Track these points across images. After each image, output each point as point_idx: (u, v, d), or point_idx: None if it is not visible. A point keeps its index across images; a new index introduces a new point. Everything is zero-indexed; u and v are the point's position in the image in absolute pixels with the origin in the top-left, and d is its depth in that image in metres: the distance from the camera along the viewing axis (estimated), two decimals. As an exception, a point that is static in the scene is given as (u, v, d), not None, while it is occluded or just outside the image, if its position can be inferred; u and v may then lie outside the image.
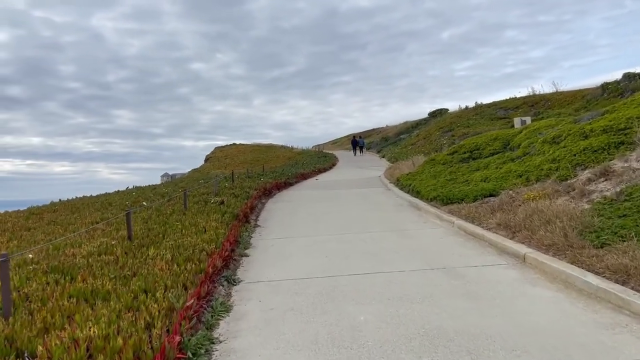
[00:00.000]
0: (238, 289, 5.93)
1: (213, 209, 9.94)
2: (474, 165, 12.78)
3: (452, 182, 11.85)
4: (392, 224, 9.80)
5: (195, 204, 10.82)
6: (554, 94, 36.87)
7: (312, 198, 14.79)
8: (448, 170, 13.32)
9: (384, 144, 51.23)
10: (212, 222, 8.34)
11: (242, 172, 23.83)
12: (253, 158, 55.34)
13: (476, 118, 37.64)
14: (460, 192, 10.48)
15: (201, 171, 55.11)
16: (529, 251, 6.34)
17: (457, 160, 14.12)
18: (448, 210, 10.03)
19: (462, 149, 14.79)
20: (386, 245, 7.84)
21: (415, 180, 13.83)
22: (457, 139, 30.40)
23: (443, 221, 9.58)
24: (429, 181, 12.85)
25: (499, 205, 8.84)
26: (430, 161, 15.36)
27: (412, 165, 18.12)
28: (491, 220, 8.01)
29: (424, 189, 12.17)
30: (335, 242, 8.26)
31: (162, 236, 7.25)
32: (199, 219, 8.74)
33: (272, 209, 12.79)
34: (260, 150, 61.49)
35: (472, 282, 5.62)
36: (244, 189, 13.68)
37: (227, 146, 72.44)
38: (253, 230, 9.82)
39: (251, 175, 19.75)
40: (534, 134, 12.37)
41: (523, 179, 10.01)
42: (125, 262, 5.55)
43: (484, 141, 14.36)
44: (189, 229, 7.83)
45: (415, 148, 36.36)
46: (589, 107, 27.81)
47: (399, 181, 15.32)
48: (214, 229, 7.87)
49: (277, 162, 44.69)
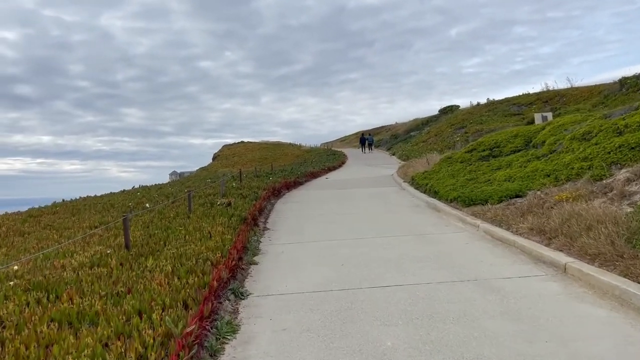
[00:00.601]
0: (246, 303, 5.33)
1: (219, 211, 9.34)
2: (495, 164, 12.09)
3: (473, 182, 11.16)
4: (410, 227, 9.15)
5: (201, 206, 10.22)
6: (569, 89, 35.93)
7: (323, 198, 14.17)
8: (467, 169, 12.63)
9: (394, 142, 50.50)
10: (218, 227, 7.74)
11: (250, 170, 23.26)
12: (261, 156, 54.82)
13: (489, 114, 36.79)
14: (483, 192, 9.81)
15: (209, 170, 54.72)
16: (570, 261, 5.68)
17: (476, 158, 13.42)
18: (471, 212, 9.36)
19: (480, 146, 14.08)
20: (407, 251, 7.20)
21: (432, 180, 13.15)
22: (471, 136, 29.63)
23: (466, 224, 8.91)
24: (447, 180, 12.18)
25: (527, 208, 8.16)
26: (446, 159, 14.67)
27: (426, 163, 17.44)
28: (522, 225, 7.33)
29: (442, 189, 11.50)
30: (350, 248, 7.64)
31: (163, 243, 6.66)
32: (204, 223, 8.14)
33: (282, 210, 12.19)
34: (268, 148, 60.92)
35: (510, 297, 4.97)
36: (252, 189, 13.08)
37: (235, 144, 71.95)
38: (262, 234, 9.22)
39: (259, 174, 19.16)
40: (559, 131, 11.65)
41: (551, 178, 9.32)
42: (119, 276, 4.96)
43: (504, 138, 13.65)
44: (193, 235, 7.24)
45: (426, 145, 35.62)
46: (607, 102, 26.93)
47: (414, 180, 14.65)
48: (220, 234, 7.27)
49: (285, 160, 44.15)
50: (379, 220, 10.04)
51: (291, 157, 45.23)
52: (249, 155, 57.77)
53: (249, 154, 58.90)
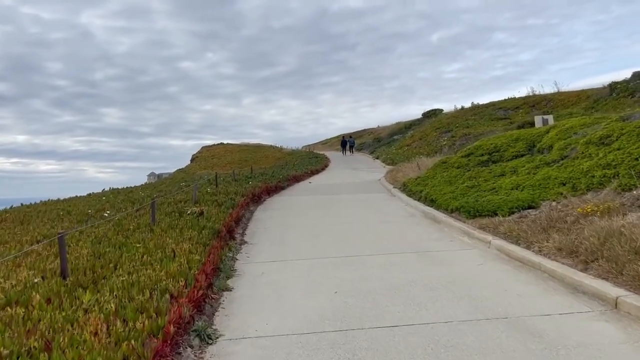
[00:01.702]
0: (214, 351, 4.08)
1: (189, 222, 8.03)
2: (497, 170, 11.02)
3: (475, 190, 10.07)
4: (410, 241, 7.99)
5: (168, 215, 8.87)
6: (556, 94, 35.41)
7: (307, 205, 12.94)
8: (466, 175, 11.54)
9: (377, 145, 49.64)
10: (185, 243, 6.44)
11: (229, 173, 21.86)
12: (241, 158, 53.27)
13: (475, 118, 36.04)
14: (490, 202, 8.70)
15: (186, 171, 52.89)
16: (623, 294, 4.56)
17: (474, 163, 12.35)
18: (478, 225, 8.23)
19: (478, 150, 13.02)
20: (412, 274, 6.02)
21: (427, 186, 12.04)
22: (459, 140, 28.75)
23: (474, 239, 7.78)
24: (445, 188, 11.06)
25: (548, 222, 7.06)
26: (441, 164, 13.58)
27: (417, 168, 16.35)
28: (547, 244, 6.21)
29: (440, 197, 10.37)
30: (343, 269, 6.43)
31: (113, 267, 5.35)
32: (169, 238, 6.83)
33: (262, 219, 10.91)
34: (248, 150, 59.32)
35: (560, 348, 3.81)
36: (229, 195, 11.76)
37: (214, 145, 70.06)
38: (239, 249, 7.95)
39: (238, 178, 17.81)
40: (568, 134, 10.64)
41: (568, 187, 8.27)
42: (40, 321, 3.65)
43: (504, 142, 12.62)
44: (153, 254, 5.93)
45: (411, 149, 34.67)
46: (597, 107, 26.34)
47: (406, 186, 13.53)
48: (187, 253, 5.98)
49: (266, 162, 42.80)
50: (373, 232, 8.85)
51: (272, 160, 43.88)
52: (229, 157, 56.14)
53: (229, 156, 57.25)
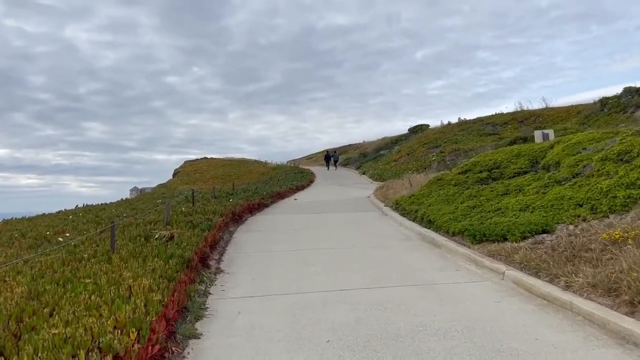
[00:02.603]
0: None
1: (156, 249, 6.92)
2: (499, 188, 10.13)
3: (478, 211, 9.14)
4: (410, 271, 6.99)
5: (132, 240, 7.74)
6: (544, 109, 35.11)
7: (292, 225, 11.89)
8: (465, 194, 10.62)
9: (363, 160, 48.95)
10: (146, 277, 5.35)
11: (209, 189, 20.71)
12: (224, 173, 52.18)
13: (463, 134, 35.49)
14: (497, 225, 7.77)
15: (167, 186, 51.48)
16: (694, 350, 3.61)
17: (473, 180, 11.46)
18: (487, 252, 7.28)
19: (476, 166, 12.15)
20: (419, 316, 5.01)
21: (422, 205, 11.09)
22: (448, 156, 28.05)
23: (483, 269, 6.82)
24: (443, 207, 10.13)
25: (570, 250, 6.13)
26: (436, 181, 12.67)
27: (408, 184, 15.43)
28: (577, 279, 5.26)
29: (439, 218, 9.43)
30: (335, 308, 5.40)
31: (48, 313, 4.25)
32: (128, 270, 5.73)
33: (242, 242, 9.82)
34: (232, 164, 58.21)
35: None
36: (207, 215, 10.66)
37: (197, 160, 68.77)
38: (213, 279, 6.87)
39: (219, 194, 16.68)
40: (576, 150, 9.82)
41: (586, 209, 7.38)
42: None
43: (504, 158, 11.77)
44: (104, 293, 4.83)
45: (399, 165, 33.92)
46: (588, 122, 25.88)
47: (399, 205, 12.57)
48: (146, 291, 4.90)
49: (250, 177, 41.78)
50: (367, 260, 7.84)
51: (256, 175, 42.85)
52: (212, 172, 54.95)
53: (212, 171, 56.04)
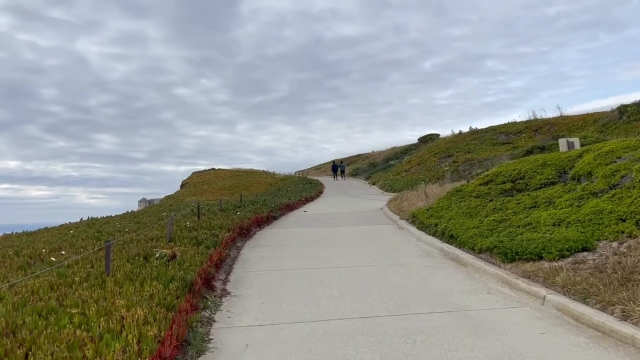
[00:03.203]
0: None
1: (155, 270, 6.28)
2: (526, 201, 9.41)
3: (506, 225, 8.42)
4: (437, 294, 6.29)
5: (130, 260, 7.09)
6: (559, 118, 34.30)
7: (303, 241, 11.22)
8: (489, 207, 9.90)
9: (372, 170, 48.32)
10: (142, 306, 4.69)
11: (217, 201, 20.09)
12: (232, 184, 51.75)
13: (475, 143, 34.70)
14: (530, 242, 7.06)
15: (175, 198, 51.06)
16: None
17: (496, 192, 10.74)
18: (521, 272, 6.56)
19: (499, 177, 11.43)
20: (456, 352, 4.31)
21: (442, 219, 10.38)
22: (461, 165, 27.31)
23: (519, 292, 6.10)
24: (466, 221, 9.41)
25: (621, 271, 5.41)
26: (455, 193, 11.96)
27: (424, 196, 14.72)
28: (639, 308, 4.54)
29: (462, 233, 8.72)
30: (357, 342, 4.71)
31: (23, 355, 3.61)
32: (121, 297, 5.08)
33: (250, 259, 9.16)
34: (240, 175, 57.77)
35: None
36: (212, 230, 10.02)
37: (205, 171, 68.51)
38: (218, 304, 6.21)
39: (226, 207, 16.05)
40: (609, 159, 9.10)
41: (630, 224, 6.67)
42: None
43: (528, 167, 11.05)
44: (92, 325, 4.19)
45: (410, 175, 33.20)
46: (606, 131, 25.10)
47: (416, 218, 11.86)
48: (140, 323, 4.25)
49: (258, 188, 41.26)
50: (388, 280, 7.14)
51: (264, 186, 42.31)
52: (220, 183, 54.54)
53: (220, 182, 55.63)
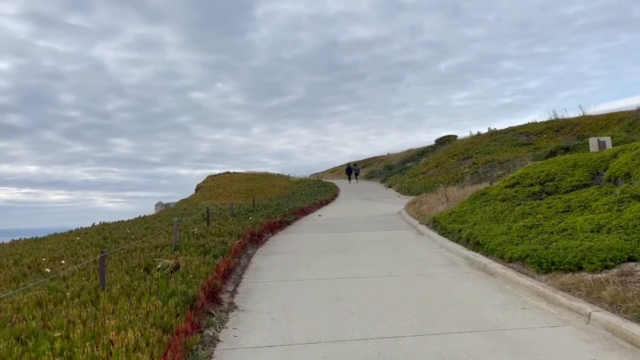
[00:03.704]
0: None
1: (155, 284, 5.75)
2: (558, 205, 8.72)
3: (537, 231, 7.75)
4: (466, 309, 5.65)
5: (130, 272, 6.55)
6: (582, 117, 33.21)
7: (318, 247, 10.64)
8: (517, 211, 9.21)
9: (388, 173, 47.57)
10: (134, 328, 4.15)
11: (230, 204, 19.61)
12: (247, 187, 51.50)
13: (495, 144, 33.79)
14: (567, 250, 6.39)
15: (190, 202, 50.96)
16: None
17: (524, 195, 10.04)
18: (559, 284, 5.90)
19: (526, 179, 10.73)
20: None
21: (466, 224, 9.72)
22: (481, 167, 26.50)
23: (558, 308, 5.44)
24: (493, 227, 8.75)
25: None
26: (479, 196, 11.28)
27: (445, 199, 14.05)
28: None
29: (490, 240, 8.06)
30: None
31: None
32: (113, 316, 4.56)
33: (261, 268, 8.61)
34: (255, 179, 57.47)
35: None
36: (222, 237, 9.50)
37: (220, 175, 68.39)
38: (224, 319, 5.66)
39: (237, 212, 15.56)
40: (649, 158, 8.37)
41: (682, 231, 5.95)
42: None
43: (557, 169, 10.34)
44: (76, 351, 3.66)
45: (427, 177, 32.43)
46: (633, 130, 24.12)
47: (437, 223, 11.21)
48: (130, 349, 3.71)
49: (272, 192, 40.89)
50: (409, 292, 6.52)
51: (279, 189, 41.92)
52: (234, 187, 54.31)
53: (234, 186, 55.40)
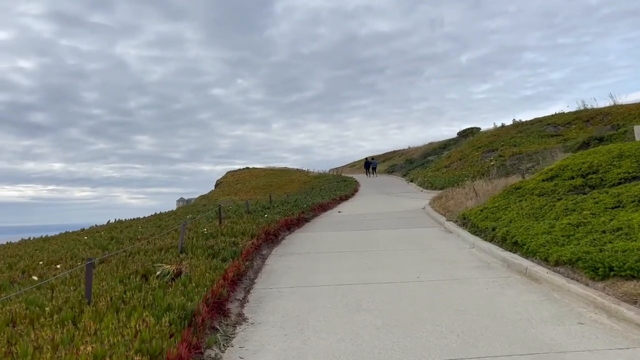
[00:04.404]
0: None
1: (150, 295, 5.06)
2: (606, 200, 7.77)
3: (586, 230, 6.84)
4: (512, 324, 4.82)
5: (124, 280, 5.77)
6: (613, 107, 31.69)
7: (338, 247, 9.87)
8: (559, 207, 8.29)
9: (409, 167, 46.55)
10: (116, 355, 3.44)
11: (250, 200, 18.96)
12: (266, 183, 51.10)
13: (521, 136, 32.50)
14: (628, 254, 5.50)
15: (209, 198, 50.75)
16: None
17: (564, 189, 9.10)
18: (621, 294, 5.03)
19: (565, 172, 9.77)
20: None
21: (500, 221, 8.83)
22: (508, 160, 25.34)
23: (624, 324, 4.57)
24: (533, 225, 7.85)
25: None
26: (513, 190, 10.36)
27: (473, 194, 13.12)
28: None
29: (530, 240, 7.18)
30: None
31: None
32: (94, 338, 3.86)
33: (276, 271, 7.87)
34: (274, 174, 57.10)
35: None
36: (234, 237, 8.79)
37: (239, 170, 68.27)
38: (230, 335, 4.93)
39: (253, 209, 14.87)
40: None
41: None
42: None
43: (602, 160, 9.36)
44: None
45: (451, 171, 31.35)
46: (672, 119, 22.71)
47: (467, 220, 10.33)
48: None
49: (291, 187, 40.31)
50: (442, 302, 5.71)
51: (298, 184, 41.31)
52: (253, 182, 53.98)
53: (253, 181, 55.10)
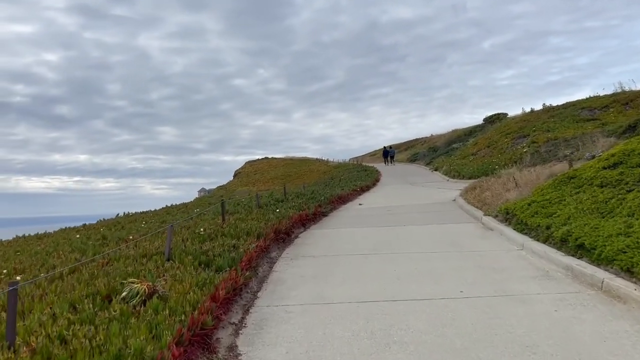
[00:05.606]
0: None
1: (103, 331, 3.75)
2: (696, 191, 6.19)
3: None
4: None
5: (79, 305, 4.34)
6: (654, 88, 29.42)
7: (359, 247, 8.47)
8: (631, 200, 6.73)
9: (433, 155, 44.78)
10: None
11: (267, 191, 17.70)
12: (285, 173, 49.97)
13: (554, 121, 30.46)
14: None
15: (227, 188, 49.85)
16: None
17: (632, 179, 7.52)
18: None
19: (631, 158, 8.17)
20: None
21: (555, 218, 7.31)
22: (543, 146, 23.50)
23: None
24: (600, 223, 6.33)
25: None
26: (566, 180, 8.80)
27: (513, 184, 11.56)
28: None
29: (602, 243, 5.67)
30: None
31: None
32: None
33: (285, 281, 6.52)
34: (293, 164, 55.93)
35: None
36: (236, 239, 7.46)
37: (258, 160, 67.38)
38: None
39: (265, 202, 13.55)
40: None
41: None
42: None
43: (679, 142, 7.74)
44: None
45: (479, 159, 29.59)
46: None
47: (511, 215, 8.81)
48: None
49: (310, 177, 39.01)
50: (498, 332, 4.28)
51: (317, 174, 40.00)
52: (272, 173, 52.94)
53: (272, 171, 54.06)
